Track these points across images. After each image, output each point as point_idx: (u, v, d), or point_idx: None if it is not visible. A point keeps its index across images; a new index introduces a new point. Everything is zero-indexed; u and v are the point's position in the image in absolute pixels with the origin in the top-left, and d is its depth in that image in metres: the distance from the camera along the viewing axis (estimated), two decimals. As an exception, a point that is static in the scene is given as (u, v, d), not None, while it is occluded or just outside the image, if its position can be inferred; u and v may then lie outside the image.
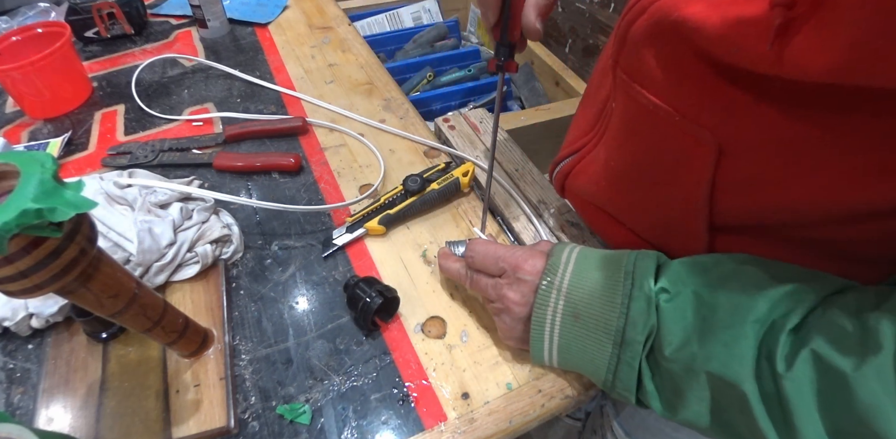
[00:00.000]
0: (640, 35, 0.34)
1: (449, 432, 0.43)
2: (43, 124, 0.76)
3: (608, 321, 0.36)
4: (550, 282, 0.39)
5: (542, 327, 0.40)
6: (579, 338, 0.38)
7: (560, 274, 0.39)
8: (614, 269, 0.38)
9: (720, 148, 0.33)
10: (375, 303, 0.46)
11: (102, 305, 0.35)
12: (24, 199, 0.26)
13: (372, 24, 1.44)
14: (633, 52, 0.36)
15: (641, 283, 0.36)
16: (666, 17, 0.31)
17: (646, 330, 0.35)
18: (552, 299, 0.39)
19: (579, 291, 0.38)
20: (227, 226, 0.56)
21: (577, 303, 0.38)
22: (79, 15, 0.87)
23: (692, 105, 0.33)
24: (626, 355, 0.36)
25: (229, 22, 0.94)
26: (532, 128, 1.11)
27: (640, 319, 0.35)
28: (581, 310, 0.38)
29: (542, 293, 0.39)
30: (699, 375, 0.32)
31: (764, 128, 0.30)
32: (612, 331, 0.36)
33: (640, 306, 0.35)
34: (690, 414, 0.33)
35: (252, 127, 0.70)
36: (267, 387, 0.46)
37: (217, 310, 0.50)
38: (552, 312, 0.39)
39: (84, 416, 0.44)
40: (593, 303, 0.37)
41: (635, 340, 0.35)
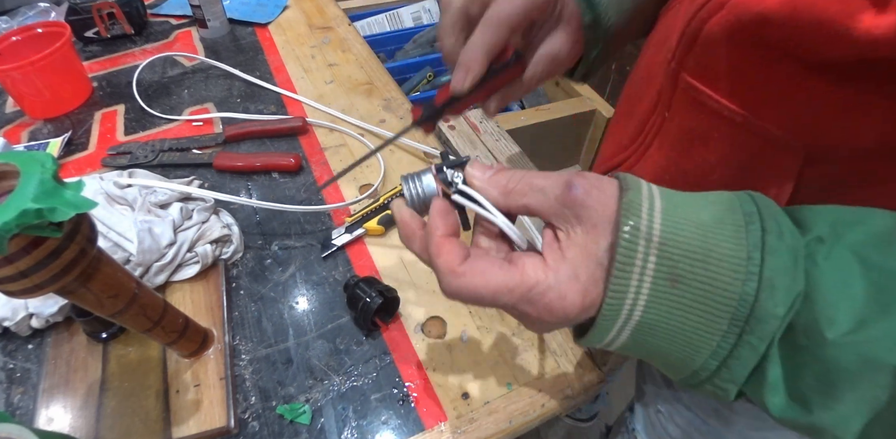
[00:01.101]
0: (716, 34, 0.31)
1: (449, 432, 0.43)
2: (43, 124, 0.76)
3: (727, 285, 0.24)
4: (635, 227, 0.25)
5: (621, 299, 0.25)
6: (676, 312, 0.25)
7: (646, 215, 0.25)
8: (724, 208, 0.25)
9: (807, 155, 0.29)
10: (375, 302, 0.46)
11: (102, 305, 0.35)
12: (24, 199, 0.26)
13: (372, 24, 1.44)
14: (707, 54, 0.33)
15: (779, 228, 0.24)
16: (748, 11, 0.28)
17: (789, 298, 0.23)
18: (639, 254, 0.24)
19: (679, 240, 0.24)
20: (227, 226, 0.56)
21: (678, 258, 0.24)
22: (79, 15, 0.87)
23: (776, 109, 0.30)
24: (753, 335, 0.24)
25: (229, 22, 0.94)
26: (532, 128, 1.12)
27: (780, 282, 0.23)
28: (682, 270, 0.24)
29: (625, 246, 0.24)
30: (878, 369, 0.23)
31: (857, 131, 0.27)
32: (734, 301, 0.24)
33: (781, 263, 0.23)
34: (833, 418, 0.24)
35: (252, 127, 0.70)
36: (267, 387, 0.46)
37: (217, 310, 0.50)
38: (638, 275, 0.25)
39: (84, 416, 0.44)
40: (702, 258, 0.24)
41: (771, 314, 0.23)
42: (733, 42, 0.31)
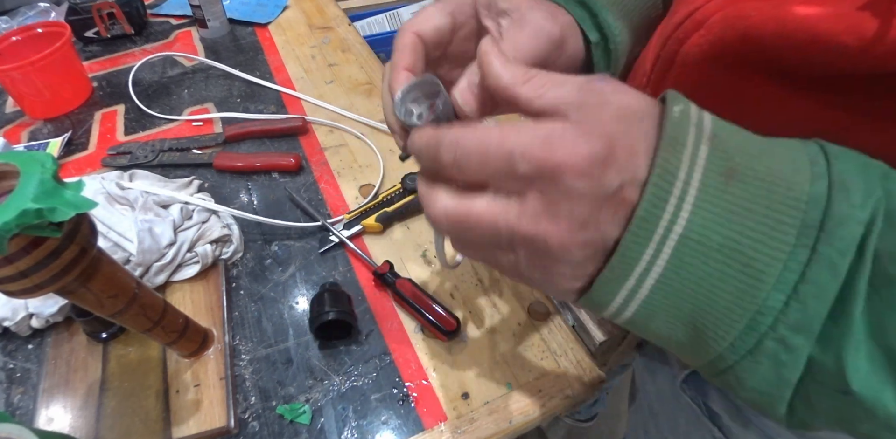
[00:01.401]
0: (695, 55, 0.29)
1: (449, 432, 0.43)
2: (43, 124, 0.76)
3: (793, 184, 0.19)
4: (684, 111, 0.20)
5: (669, 185, 0.19)
6: (733, 218, 0.19)
7: (695, 108, 0.21)
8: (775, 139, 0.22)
9: None
10: (323, 319, 0.46)
11: (102, 305, 0.35)
12: (24, 199, 0.26)
13: (372, 24, 1.44)
14: (685, 78, 0.30)
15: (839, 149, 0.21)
16: (730, 30, 0.26)
17: (868, 201, 0.19)
18: (690, 137, 0.20)
19: (732, 135, 0.20)
20: (227, 226, 0.56)
21: (733, 151, 0.20)
22: (79, 15, 0.87)
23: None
24: (830, 246, 0.18)
25: (229, 22, 0.94)
26: (532, 128, 1.11)
27: (853, 184, 0.19)
28: (739, 164, 0.19)
29: (675, 119, 0.20)
30: None
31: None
32: (803, 203, 0.19)
33: (850, 166, 0.20)
34: None
35: (252, 127, 0.70)
36: (267, 387, 0.46)
37: (217, 310, 0.50)
38: (689, 162, 0.19)
39: (84, 416, 0.44)
40: (760, 153, 0.20)
41: (849, 216, 0.18)
42: (714, 62, 0.29)
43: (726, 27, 0.27)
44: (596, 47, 0.34)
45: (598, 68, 0.35)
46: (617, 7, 0.36)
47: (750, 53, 0.27)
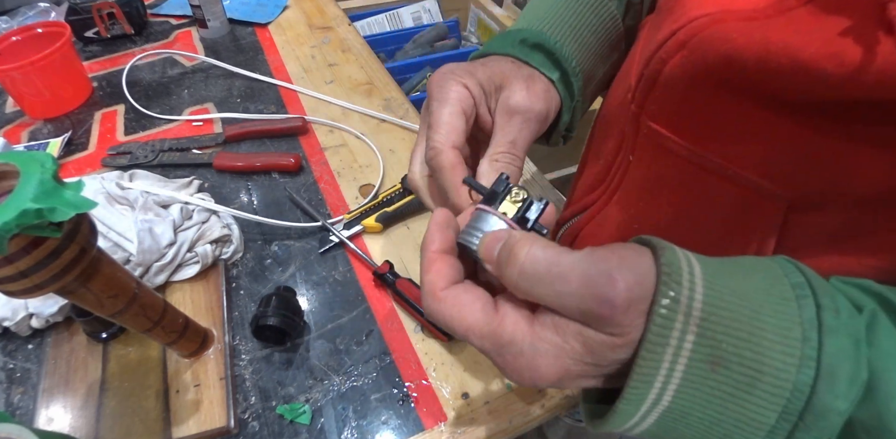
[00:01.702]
0: (677, 76, 0.28)
1: (449, 432, 0.43)
2: (43, 124, 0.76)
3: (779, 371, 0.20)
4: (675, 299, 0.20)
5: (647, 385, 0.21)
6: (714, 401, 0.21)
7: (687, 281, 0.21)
8: (770, 277, 0.22)
9: (791, 202, 0.26)
10: (264, 321, 0.46)
11: (102, 305, 0.35)
12: (24, 199, 0.26)
13: (372, 24, 1.44)
14: (668, 97, 0.30)
15: (835, 304, 0.21)
16: (713, 52, 0.26)
17: (852, 390, 0.19)
18: (675, 332, 0.20)
19: (723, 315, 0.20)
20: (227, 225, 0.56)
21: (721, 337, 0.20)
22: (79, 15, 0.87)
23: (752, 155, 0.27)
24: (807, 434, 0.20)
25: (229, 22, 0.94)
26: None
27: (842, 370, 0.19)
28: (725, 351, 0.20)
29: (660, 322, 0.20)
30: None
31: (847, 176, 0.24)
32: (787, 391, 0.20)
33: (841, 344, 0.20)
34: None
35: (252, 127, 0.70)
36: (267, 387, 0.46)
37: (217, 310, 0.50)
38: (672, 357, 0.20)
39: (84, 416, 0.44)
40: (750, 336, 0.20)
41: (831, 408, 0.19)
42: (697, 84, 0.28)
43: (709, 49, 0.27)
44: (558, 83, 0.35)
45: (563, 99, 0.36)
46: (571, 39, 0.37)
47: (733, 76, 0.26)
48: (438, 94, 0.30)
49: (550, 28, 0.36)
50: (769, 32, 0.24)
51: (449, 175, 0.29)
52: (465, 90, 0.30)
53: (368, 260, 0.54)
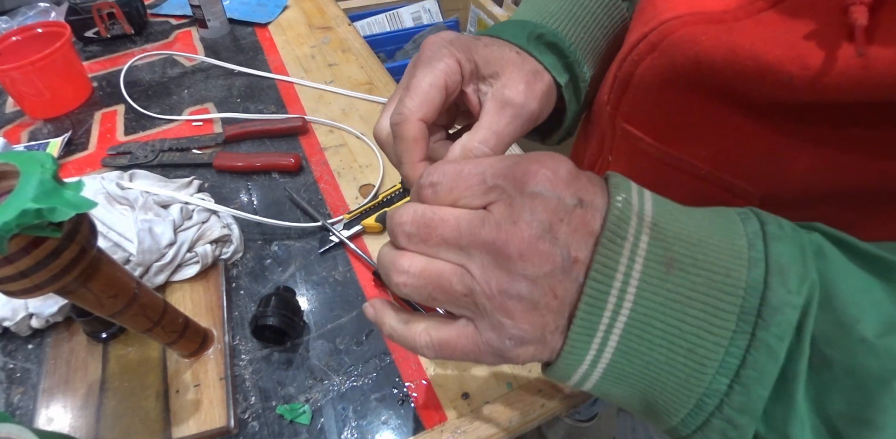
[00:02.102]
0: (649, 78, 0.29)
1: (449, 432, 0.43)
2: (43, 124, 0.76)
3: (730, 271, 0.20)
4: (626, 200, 0.21)
5: (609, 279, 0.20)
6: (674, 306, 0.20)
7: (636, 194, 0.22)
8: (715, 210, 0.23)
9: (763, 200, 0.27)
10: (263, 321, 0.46)
11: (102, 305, 0.35)
12: (24, 199, 0.26)
13: (372, 24, 1.44)
14: (640, 99, 0.30)
15: (778, 222, 0.21)
16: (682, 54, 0.26)
17: (804, 286, 0.19)
18: (631, 228, 0.20)
19: (672, 223, 0.21)
20: (226, 225, 0.56)
21: (672, 240, 0.20)
22: (79, 15, 0.87)
23: (724, 155, 0.27)
24: (768, 332, 0.19)
25: (229, 22, 0.94)
26: (532, 128, 1.11)
27: (791, 268, 0.20)
28: (678, 253, 0.20)
29: (617, 211, 0.20)
30: None
31: (816, 174, 0.24)
32: (741, 289, 0.20)
33: (786, 247, 0.20)
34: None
35: (252, 127, 0.70)
36: (267, 387, 0.46)
37: (217, 310, 0.50)
38: (630, 254, 0.20)
39: (84, 416, 0.44)
40: (699, 241, 0.20)
41: (786, 302, 0.19)
42: (667, 86, 0.28)
43: (678, 51, 0.27)
44: (566, 88, 0.34)
45: (569, 104, 0.34)
46: (585, 42, 0.35)
47: (702, 78, 0.26)
48: (428, 60, 0.28)
49: (565, 28, 0.35)
50: (736, 35, 0.24)
51: (409, 146, 0.28)
52: (456, 65, 0.28)
53: (368, 260, 0.54)
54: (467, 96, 0.30)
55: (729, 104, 0.26)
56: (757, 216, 0.22)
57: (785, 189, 0.26)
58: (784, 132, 0.25)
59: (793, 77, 0.22)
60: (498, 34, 0.33)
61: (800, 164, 0.25)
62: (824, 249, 0.21)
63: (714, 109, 0.27)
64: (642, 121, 0.31)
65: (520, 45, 0.33)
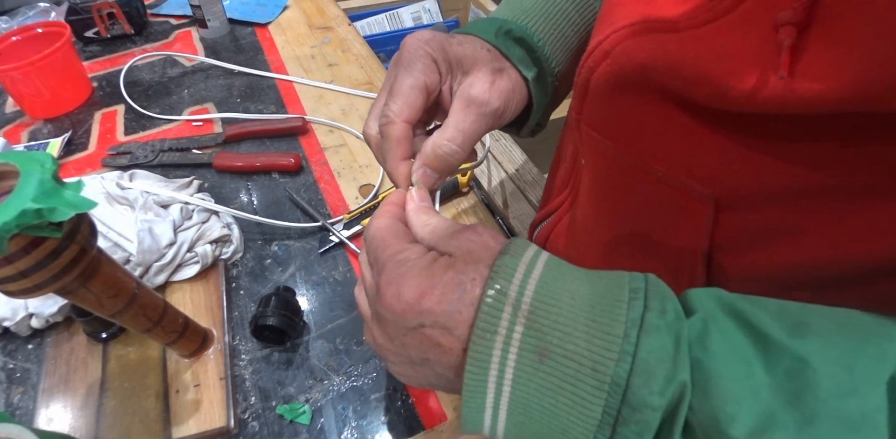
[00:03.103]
0: (604, 83, 0.30)
1: (449, 432, 0.43)
2: (43, 124, 0.76)
3: (598, 364, 0.21)
4: (501, 291, 0.23)
5: (484, 371, 0.22)
6: (546, 392, 0.22)
7: (519, 281, 0.23)
8: (611, 285, 0.23)
9: (717, 202, 0.27)
10: (264, 321, 0.46)
11: (102, 305, 0.35)
12: (23, 199, 0.26)
13: (372, 24, 1.44)
14: (599, 104, 0.31)
15: (662, 306, 0.22)
16: (631, 62, 0.27)
17: (670, 388, 0.20)
18: (504, 320, 0.22)
19: (550, 311, 0.22)
20: (226, 225, 0.56)
21: (547, 331, 0.22)
22: (79, 15, 0.87)
23: (678, 157, 0.28)
24: (627, 428, 0.20)
25: (229, 22, 0.93)
26: (532, 128, 1.11)
27: (659, 367, 0.20)
28: (552, 344, 0.22)
29: (487, 308, 0.22)
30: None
31: (765, 178, 0.25)
32: (606, 384, 0.21)
33: (660, 343, 0.21)
34: None
35: (252, 127, 0.70)
36: (267, 387, 0.46)
37: (217, 310, 0.50)
38: (503, 345, 0.22)
39: (84, 416, 0.44)
40: (574, 332, 0.22)
41: (646, 403, 0.20)
42: (621, 92, 0.29)
43: (627, 60, 0.28)
44: (533, 82, 0.35)
45: (536, 97, 0.36)
46: (554, 38, 0.37)
47: (651, 86, 0.27)
48: (407, 63, 0.30)
49: (535, 24, 0.36)
50: (682, 46, 0.25)
51: (394, 146, 0.31)
52: (433, 64, 0.30)
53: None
54: (442, 94, 0.32)
55: (678, 110, 0.27)
56: (646, 298, 0.22)
57: (738, 191, 0.27)
58: (732, 138, 0.26)
59: (729, 90, 0.23)
60: (470, 31, 0.35)
61: (750, 168, 0.26)
62: (708, 334, 0.21)
63: (665, 115, 0.28)
64: (602, 126, 0.32)
65: (489, 40, 0.34)
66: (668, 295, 0.23)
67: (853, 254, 0.24)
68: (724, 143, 0.26)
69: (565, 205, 0.42)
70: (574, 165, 0.40)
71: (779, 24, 0.21)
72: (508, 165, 0.66)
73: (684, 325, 0.22)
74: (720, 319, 0.22)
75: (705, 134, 0.26)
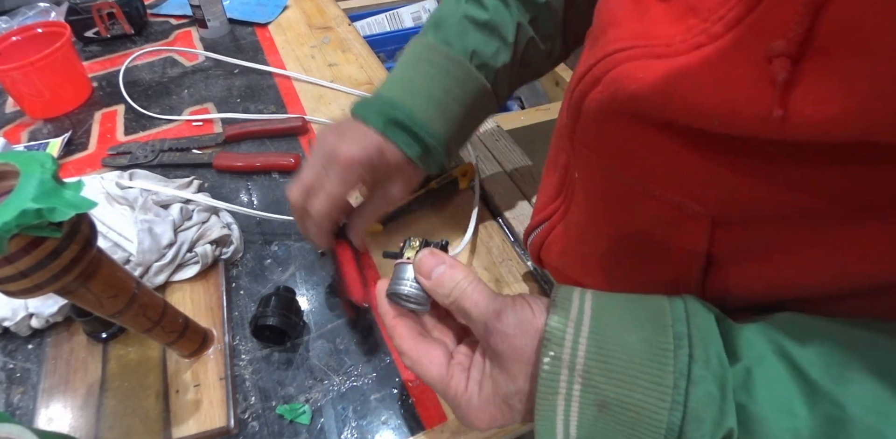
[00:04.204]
0: (595, 109, 0.30)
1: (449, 432, 0.43)
2: (43, 124, 0.76)
3: (654, 414, 0.24)
4: (556, 357, 0.26)
5: (551, 422, 0.26)
6: (609, 435, 0.25)
7: (570, 343, 0.26)
8: (655, 329, 0.26)
9: (713, 219, 0.28)
10: (264, 321, 0.46)
11: (102, 305, 0.35)
12: (23, 199, 0.26)
13: (372, 24, 1.44)
14: (592, 126, 0.32)
15: (706, 354, 0.24)
16: (622, 90, 0.27)
17: (718, 432, 0.23)
18: (562, 383, 0.25)
19: (603, 368, 0.25)
20: (227, 226, 0.56)
21: (603, 387, 0.25)
22: (79, 15, 0.87)
23: (673, 179, 0.28)
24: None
25: (229, 22, 0.94)
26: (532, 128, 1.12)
27: (707, 414, 0.23)
28: (610, 397, 0.25)
29: (545, 377, 0.26)
30: None
31: (758, 199, 0.25)
32: (662, 429, 0.24)
33: (706, 392, 0.23)
34: None
35: (252, 127, 0.70)
36: (267, 387, 0.46)
37: (217, 310, 0.50)
38: (565, 402, 0.26)
39: (84, 416, 0.44)
40: (628, 385, 0.24)
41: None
42: (613, 116, 0.29)
43: (618, 87, 0.27)
44: (417, 159, 0.43)
45: (425, 168, 0.45)
46: (438, 115, 0.44)
47: (641, 113, 0.27)
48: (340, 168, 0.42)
49: (418, 104, 0.43)
50: (675, 74, 0.24)
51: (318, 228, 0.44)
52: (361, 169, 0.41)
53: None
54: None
55: (671, 135, 0.27)
56: (690, 346, 0.24)
57: (733, 210, 0.27)
58: (726, 159, 0.26)
59: (723, 122, 0.23)
60: (363, 117, 0.43)
61: (743, 189, 0.26)
62: (752, 380, 0.23)
63: (658, 139, 0.28)
64: (595, 145, 0.32)
65: (377, 129, 0.42)
66: (711, 338, 0.25)
67: (847, 272, 0.25)
68: (715, 168, 0.26)
69: (558, 213, 0.43)
70: (566, 175, 0.40)
71: (772, 55, 0.20)
72: (508, 165, 0.66)
73: (728, 373, 0.24)
74: (766, 362, 0.24)
75: (698, 156, 0.27)
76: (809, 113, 0.20)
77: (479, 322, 0.29)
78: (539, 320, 0.28)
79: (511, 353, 0.28)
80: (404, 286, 0.31)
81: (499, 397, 0.28)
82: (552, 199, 0.43)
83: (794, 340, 0.24)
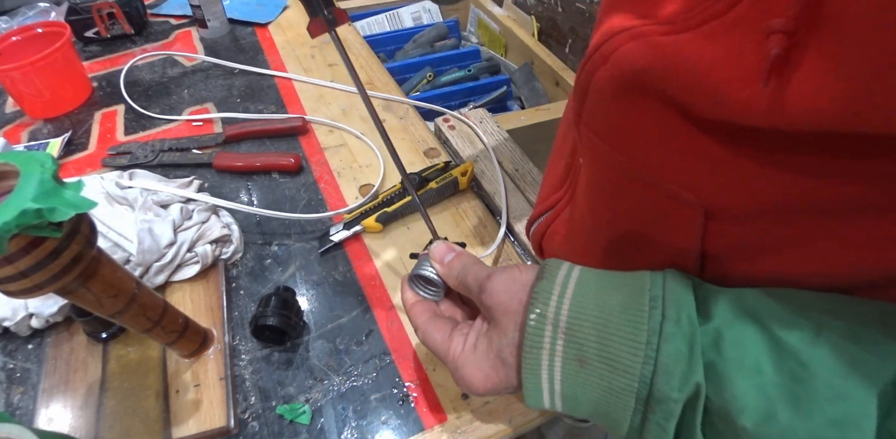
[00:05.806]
0: (602, 88, 0.30)
1: (449, 432, 0.43)
2: (43, 124, 0.76)
3: (628, 367, 0.26)
4: (541, 314, 0.29)
5: (536, 376, 0.29)
6: (589, 388, 0.28)
7: (555, 302, 0.29)
8: (634, 293, 0.28)
9: (706, 211, 0.28)
10: (264, 321, 0.46)
11: (102, 305, 0.35)
12: (23, 199, 0.26)
13: (372, 24, 1.44)
14: (597, 107, 0.32)
15: (678, 315, 0.26)
16: (630, 67, 0.27)
17: (687, 386, 0.25)
18: (547, 338, 0.28)
19: (584, 325, 0.28)
20: (226, 225, 0.56)
21: (583, 342, 0.28)
22: (79, 15, 0.87)
23: (670, 165, 0.29)
24: (657, 416, 0.26)
25: (229, 22, 0.94)
26: (532, 128, 1.11)
27: (676, 368, 0.25)
28: (589, 353, 0.27)
29: (531, 331, 0.29)
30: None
31: (756, 192, 0.26)
32: (635, 382, 0.26)
33: (675, 348, 0.25)
34: None
35: (252, 127, 0.70)
36: (267, 387, 0.46)
37: (217, 310, 0.50)
38: (548, 357, 0.28)
39: (84, 416, 0.44)
40: (606, 341, 0.27)
41: (668, 397, 0.25)
42: (618, 96, 0.29)
43: (626, 64, 0.27)
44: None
45: None
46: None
47: (647, 91, 0.27)
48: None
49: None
50: (679, 50, 0.24)
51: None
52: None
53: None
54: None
55: (673, 115, 0.27)
56: (663, 307, 0.27)
57: (727, 201, 0.27)
58: (724, 146, 0.26)
59: (723, 99, 0.23)
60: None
61: (740, 179, 0.26)
62: (722, 340, 0.25)
63: (661, 119, 0.28)
64: (599, 128, 0.33)
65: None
66: (685, 301, 0.27)
67: (842, 267, 0.26)
68: (715, 154, 0.26)
69: (562, 202, 0.43)
70: (573, 162, 0.40)
71: (770, 32, 0.20)
72: (508, 165, 0.66)
73: (697, 332, 0.25)
74: (737, 325, 0.25)
75: (697, 144, 0.27)
76: (802, 96, 0.20)
77: (475, 286, 0.33)
78: (526, 276, 0.31)
79: (500, 306, 0.31)
80: (425, 270, 0.38)
81: (492, 352, 0.31)
82: (556, 189, 0.44)
83: (771, 305, 0.25)
